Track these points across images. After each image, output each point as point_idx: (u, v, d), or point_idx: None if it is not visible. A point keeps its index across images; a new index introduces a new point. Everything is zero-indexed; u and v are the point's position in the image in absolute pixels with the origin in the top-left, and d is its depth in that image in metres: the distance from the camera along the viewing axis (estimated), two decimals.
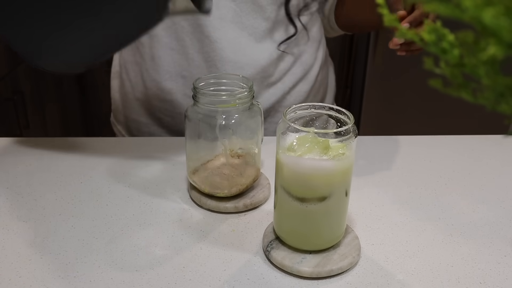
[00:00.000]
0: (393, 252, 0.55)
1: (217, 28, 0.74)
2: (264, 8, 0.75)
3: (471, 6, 0.22)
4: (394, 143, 0.80)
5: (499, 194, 0.67)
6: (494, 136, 0.82)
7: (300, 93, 0.84)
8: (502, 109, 0.25)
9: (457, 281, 0.51)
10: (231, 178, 0.61)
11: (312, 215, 0.51)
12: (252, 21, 0.75)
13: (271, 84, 0.81)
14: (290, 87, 0.83)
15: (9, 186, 0.66)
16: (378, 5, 0.28)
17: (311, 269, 0.51)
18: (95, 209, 0.62)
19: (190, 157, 0.63)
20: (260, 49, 0.77)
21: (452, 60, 0.26)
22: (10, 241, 0.56)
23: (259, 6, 0.74)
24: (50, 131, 1.70)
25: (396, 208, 0.63)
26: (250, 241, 0.56)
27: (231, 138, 0.60)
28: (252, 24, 0.75)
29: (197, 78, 0.60)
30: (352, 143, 0.49)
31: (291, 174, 0.50)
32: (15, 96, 1.45)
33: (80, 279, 0.50)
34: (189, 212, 0.61)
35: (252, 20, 0.75)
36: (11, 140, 0.79)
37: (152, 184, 0.67)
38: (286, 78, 0.82)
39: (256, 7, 0.74)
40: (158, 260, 0.53)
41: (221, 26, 0.74)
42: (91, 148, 0.76)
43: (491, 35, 0.22)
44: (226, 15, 0.74)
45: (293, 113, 0.52)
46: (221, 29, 0.74)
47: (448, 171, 0.72)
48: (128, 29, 0.57)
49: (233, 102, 0.58)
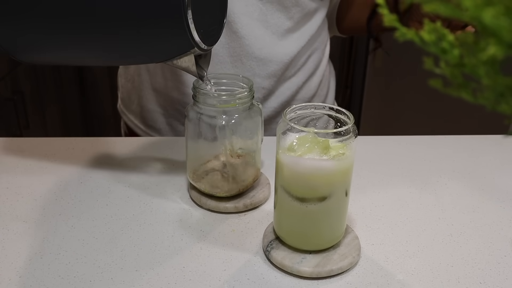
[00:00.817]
0: (393, 252, 0.55)
1: (244, 25, 0.77)
2: (289, 9, 0.78)
3: (471, 6, 0.22)
4: (394, 143, 0.80)
5: (499, 194, 0.67)
6: (494, 136, 0.82)
7: (310, 87, 0.88)
8: (502, 109, 0.25)
9: (457, 281, 0.51)
10: (231, 178, 0.61)
11: (312, 215, 0.51)
12: (276, 20, 0.79)
13: (287, 78, 0.85)
14: (304, 81, 0.87)
15: (9, 186, 0.66)
16: (378, 5, 0.28)
17: (311, 269, 0.51)
18: (95, 209, 0.62)
19: (190, 157, 0.63)
20: (282, 47, 0.81)
21: (452, 60, 0.26)
22: (10, 241, 0.56)
23: (284, 7, 0.78)
24: (50, 131, 1.70)
25: (396, 208, 0.63)
26: (250, 241, 0.56)
27: (231, 138, 0.60)
28: (276, 23, 0.79)
29: (198, 78, 0.60)
30: (352, 143, 0.49)
31: (291, 174, 0.50)
32: (15, 96, 1.45)
33: (80, 279, 0.50)
34: (189, 212, 0.61)
35: (277, 19, 0.79)
36: (11, 140, 0.79)
37: (152, 184, 0.67)
38: (300, 73, 0.86)
39: (281, 7, 0.78)
40: (158, 260, 0.53)
41: (248, 23, 0.78)
42: (91, 148, 0.76)
43: (491, 35, 0.22)
44: (253, 13, 0.77)
45: (293, 113, 0.52)
46: (248, 26, 0.78)
47: (448, 171, 0.72)
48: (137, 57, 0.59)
49: (233, 102, 0.58)
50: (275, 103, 0.85)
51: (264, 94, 0.83)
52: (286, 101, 0.86)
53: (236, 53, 0.79)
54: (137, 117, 0.90)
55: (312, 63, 0.87)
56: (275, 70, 0.81)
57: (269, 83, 0.82)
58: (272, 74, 0.82)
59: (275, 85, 0.83)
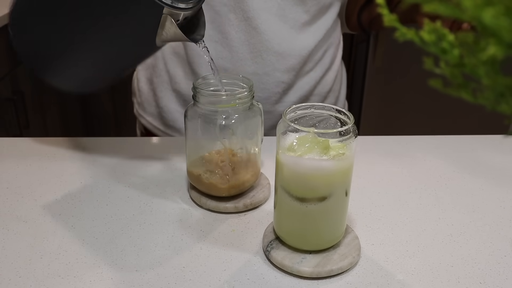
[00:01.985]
0: (393, 252, 0.55)
1: (264, 20, 0.78)
2: (305, 2, 0.80)
3: (471, 6, 0.22)
4: (394, 143, 0.80)
5: (499, 194, 0.67)
6: (494, 136, 0.82)
7: (327, 82, 0.90)
8: (502, 109, 0.25)
9: (457, 281, 0.51)
10: (231, 178, 0.61)
11: (312, 215, 0.51)
12: (294, 14, 0.80)
13: (306, 73, 0.86)
14: (321, 76, 0.88)
15: (9, 186, 0.66)
16: (379, 5, 0.28)
17: (311, 269, 0.51)
18: (95, 209, 0.62)
19: (190, 157, 0.63)
20: (300, 41, 0.82)
21: (452, 60, 0.26)
22: (10, 241, 0.56)
23: (301, 0, 0.79)
24: (50, 131, 1.70)
25: (396, 208, 0.63)
26: (250, 241, 0.56)
27: (231, 138, 0.60)
28: (293, 17, 0.80)
29: (197, 78, 0.60)
30: (352, 143, 0.49)
31: (291, 174, 0.50)
32: (15, 96, 1.45)
33: (80, 279, 0.50)
34: (189, 212, 0.61)
35: (294, 13, 0.80)
36: (11, 140, 0.79)
37: (152, 184, 0.67)
38: (317, 67, 0.87)
39: (298, 1, 0.79)
40: (158, 260, 0.53)
41: (267, 18, 0.79)
42: (91, 148, 0.76)
43: (491, 35, 0.22)
44: (272, 8, 0.78)
45: (293, 113, 0.52)
46: (268, 21, 0.79)
47: (448, 171, 0.72)
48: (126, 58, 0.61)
49: (233, 102, 0.58)
50: (294, 97, 0.86)
51: (283, 89, 0.84)
52: (305, 96, 0.87)
53: (256, 49, 0.80)
54: (156, 118, 0.90)
55: (328, 58, 0.88)
56: (294, 64, 0.83)
57: (288, 77, 0.83)
58: (291, 68, 0.82)
59: (294, 79, 0.84)
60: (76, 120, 1.98)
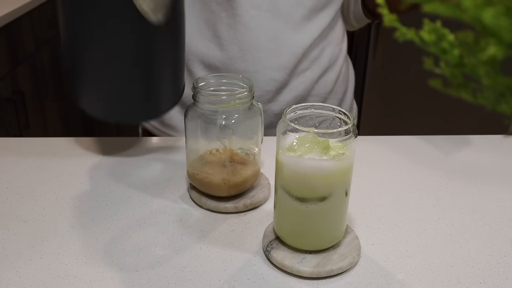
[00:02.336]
0: (393, 252, 0.55)
1: (253, 17, 0.77)
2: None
3: (471, 6, 0.22)
4: (394, 143, 0.80)
5: (499, 194, 0.67)
6: (494, 136, 0.82)
7: (327, 83, 0.87)
8: (502, 109, 0.25)
9: (457, 281, 0.51)
10: (231, 178, 0.61)
11: (312, 215, 0.51)
12: (288, 8, 0.78)
13: (301, 72, 0.84)
14: (318, 76, 0.86)
15: (9, 186, 0.66)
16: (378, 5, 0.28)
17: (311, 269, 0.51)
18: (95, 209, 0.62)
19: (190, 157, 0.63)
20: (295, 37, 0.80)
21: (452, 60, 0.26)
22: (10, 241, 0.56)
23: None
24: (50, 131, 1.70)
25: (396, 208, 0.63)
26: (250, 241, 0.56)
27: (231, 138, 0.60)
28: (288, 11, 0.78)
29: (197, 78, 0.60)
30: (352, 143, 0.49)
31: (291, 174, 0.50)
32: (15, 96, 1.45)
33: (80, 279, 0.50)
34: (189, 212, 0.61)
35: (288, 7, 0.78)
36: (11, 140, 0.79)
37: (152, 184, 0.67)
38: (314, 66, 0.85)
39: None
40: (158, 260, 0.53)
41: (257, 15, 0.77)
42: (91, 148, 0.76)
43: (491, 35, 0.22)
44: (262, 4, 0.77)
45: (293, 113, 0.52)
46: (257, 17, 0.78)
47: (448, 171, 0.72)
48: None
49: (233, 102, 0.58)
50: (289, 97, 0.84)
51: (276, 87, 0.82)
52: (301, 96, 0.85)
53: (245, 47, 0.79)
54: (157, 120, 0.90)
55: (327, 57, 0.86)
56: (286, 62, 0.81)
57: (281, 75, 0.81)
58: (283, 66, 0.81)
59: (288, 78, 0.82)
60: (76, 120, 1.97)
